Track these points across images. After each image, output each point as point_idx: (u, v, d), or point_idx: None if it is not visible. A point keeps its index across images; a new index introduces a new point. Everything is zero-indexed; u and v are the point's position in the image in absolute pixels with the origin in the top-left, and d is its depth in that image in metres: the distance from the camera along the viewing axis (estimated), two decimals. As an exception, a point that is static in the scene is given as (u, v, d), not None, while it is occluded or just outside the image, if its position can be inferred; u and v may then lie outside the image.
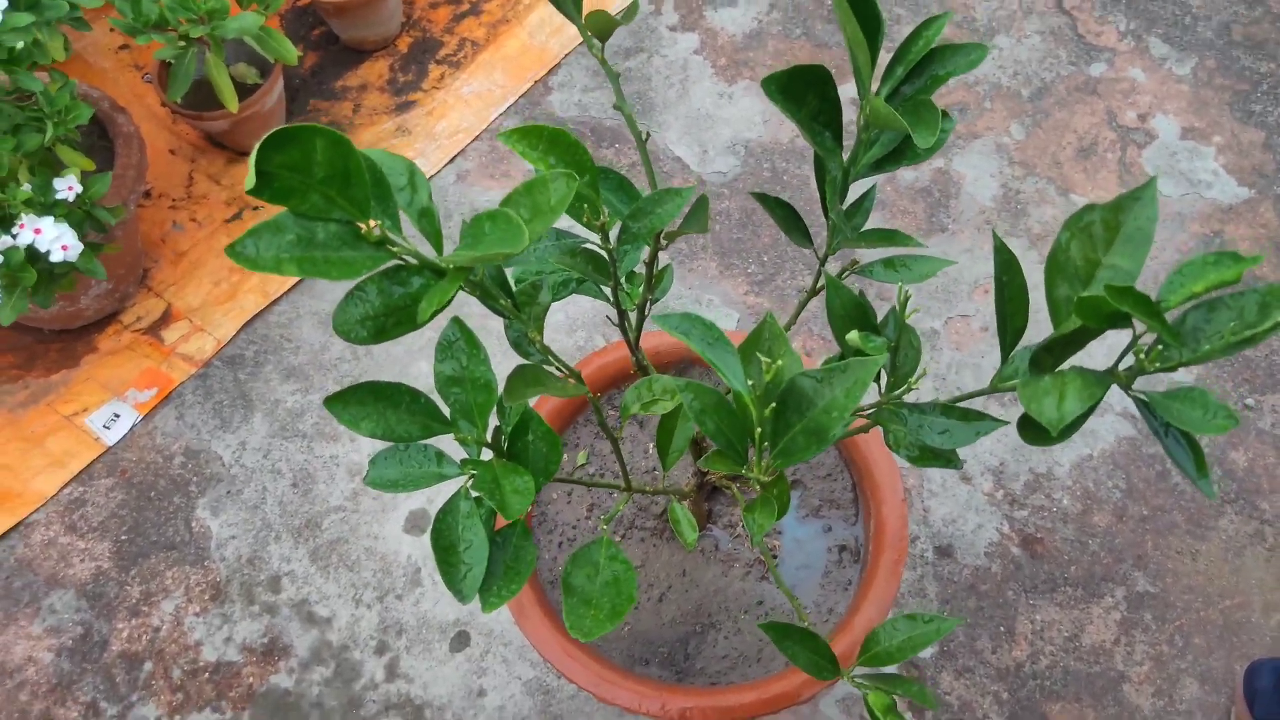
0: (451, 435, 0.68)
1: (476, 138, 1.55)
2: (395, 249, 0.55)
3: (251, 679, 1.22)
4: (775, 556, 1.14)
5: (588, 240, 0.73)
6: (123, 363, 1.40)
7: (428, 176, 1.54)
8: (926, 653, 1.27)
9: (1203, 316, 0.60)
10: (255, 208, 1.52)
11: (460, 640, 1.26)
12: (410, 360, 1.42)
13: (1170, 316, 0.60)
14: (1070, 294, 0.64)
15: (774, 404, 0.63)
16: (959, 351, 1.43)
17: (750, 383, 0.66)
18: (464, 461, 0.71)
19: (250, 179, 0.48)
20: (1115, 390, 1.41)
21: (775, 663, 1.07)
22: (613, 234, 0.72)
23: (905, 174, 1.54)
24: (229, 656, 1.24)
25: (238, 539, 1.31)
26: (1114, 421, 1.40)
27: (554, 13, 1.66)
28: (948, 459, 0.74)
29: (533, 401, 1.33)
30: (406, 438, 0.68)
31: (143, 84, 1.59)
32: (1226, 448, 1.39)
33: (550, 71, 1.61)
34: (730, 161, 1.55)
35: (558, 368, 0.75)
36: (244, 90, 1.47)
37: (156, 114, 1.57)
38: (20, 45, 1.09)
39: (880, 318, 0.76)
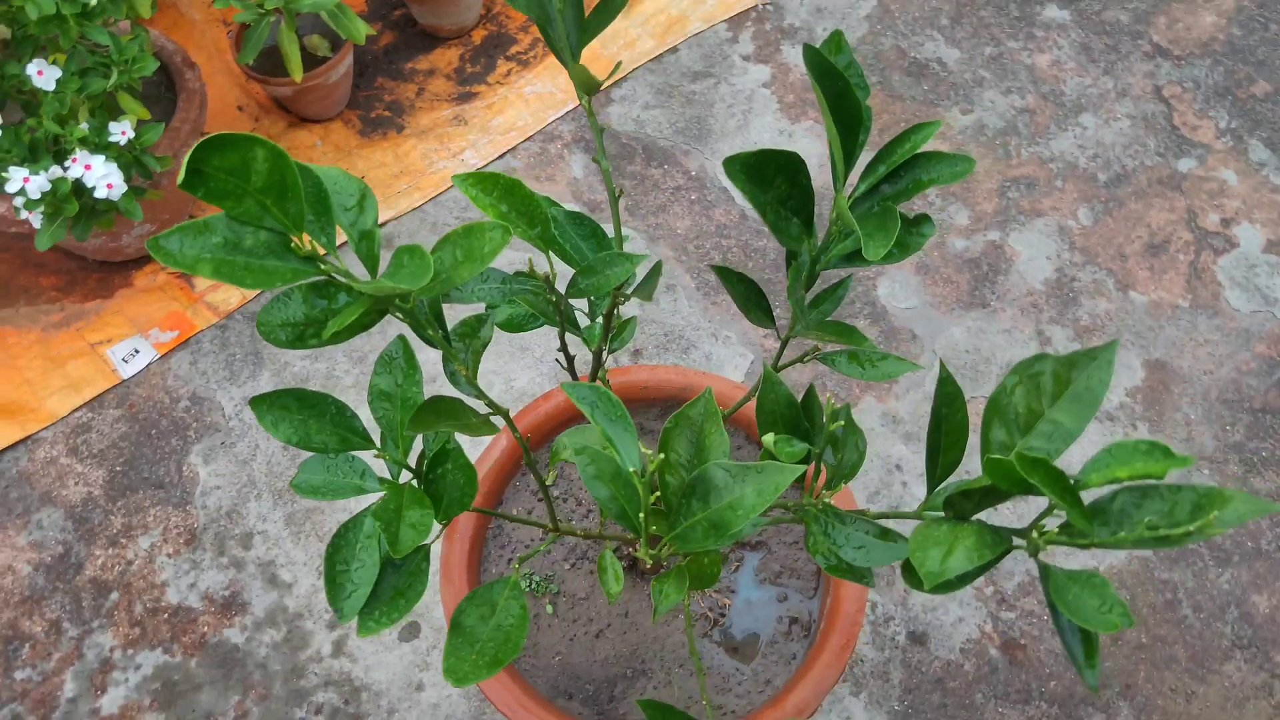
0: (373, 452, 0.70)
1: (529, 138, 1.57)
2: (325, 266, 0.56)
3: (206, 628, 1.27)
4: (724, 615, 1.13)
5: (534, 285, 0.74)
6: (152, 301, 1.47)
7: (475, 169, 1.56)
8: (871, 739, 1.25)
9: (1133, 501, 0.58)
10: (305, 172, 1.56)
11: (410, 630, 1.28)
12: (422, 348, 1.44)
13: (1103, 493, 0.58)
14: (1007, 440, 0.63)
15: (684, 488, 0.63)
16: (975, 435, 1.39)
17: (672, 457, 0.65)
18: (382, 480, 0.72)
19: (181, 175, 0.49)
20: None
21: (689, 723, 1.06)
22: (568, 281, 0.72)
23: (955, 241, 1.50)
24: (190, 602, 1.29)
25: (221, 490, 1.36)
26: (1126, 537, 1.34)
27: (629, 26, 1.66)
28: (860, 575, 0.72)
29: (516, 411, 1.34)
30: (322, 448, 0.69)
31: (225, 40, 1.66)
32: (1250, 589, 1.32)
33: (615, 84, 1.62)
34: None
35: (486, 404, 0.76)
36: (314, 61, 1.52)
37: (232, 70, 1.63)
38: (94, 2, 1.15)
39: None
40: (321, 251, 0.56)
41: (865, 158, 1.57)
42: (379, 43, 1.67)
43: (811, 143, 1.58)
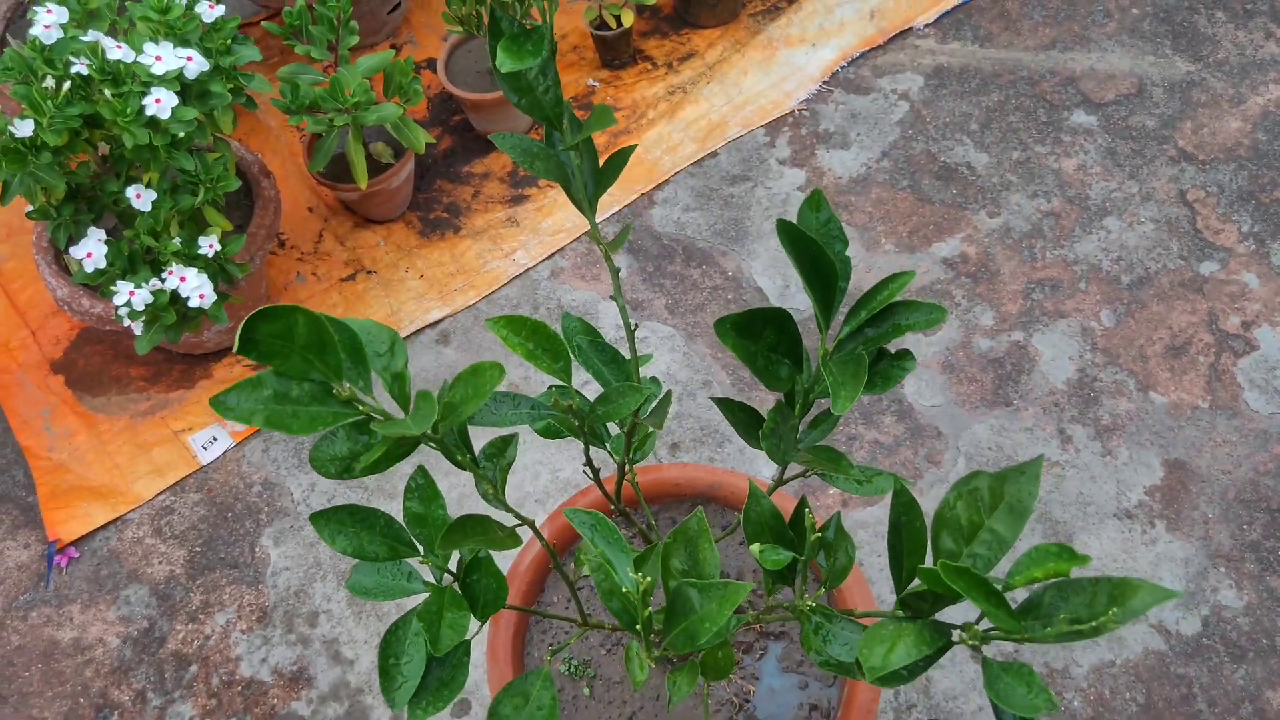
0: (417, 559, 0.88)
1: (576, 239, 1.77)
2: (362, 407, 0.74)
3: (275, 700, 1.46)
4: (748, 701, 1.29)
5: (560, 412, 0.92)
6: (230, 392, 1.68)
7: (526, 268, 1.76)
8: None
9: (1058, 595, 0.73)
10: (370, 271, 1.78)
11: (462, 707, 1.46)
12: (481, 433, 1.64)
13: (1031, 591, 0.73)
14: (954, 548, 0.78)
15: (669, 602, 0.79)
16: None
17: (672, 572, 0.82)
18: (426, 583, 0.91)
19: (236, 343, 0.67)
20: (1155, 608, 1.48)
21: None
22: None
23: (980, 341, 1.66)
24: (261, 676, 1.48)
25: (290, 570, 1.55)
26: (1144, 632, 1.47)
27: (671, 131, 1.86)
28: (848, 670, 0.88)
29: (564, 500, 1.51)
30: (374, 557, 0.88)
31: (298, 144, 1.89)
32: (1264, 685, 1.44)
33: (657, 186, 1.81)
34: (807, 300, 1.71)
35: (514, 516, 0.94)
36: (378, 167, 1.74)
37: (303, 173, 1.86)
38: (183, 134, 1.37)
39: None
40: (358, 395, 0.73)
41: (887, 262, 1.73)
42: (439, 147, 1.89)
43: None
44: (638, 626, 0.80)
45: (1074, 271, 1.71)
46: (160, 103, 1.37)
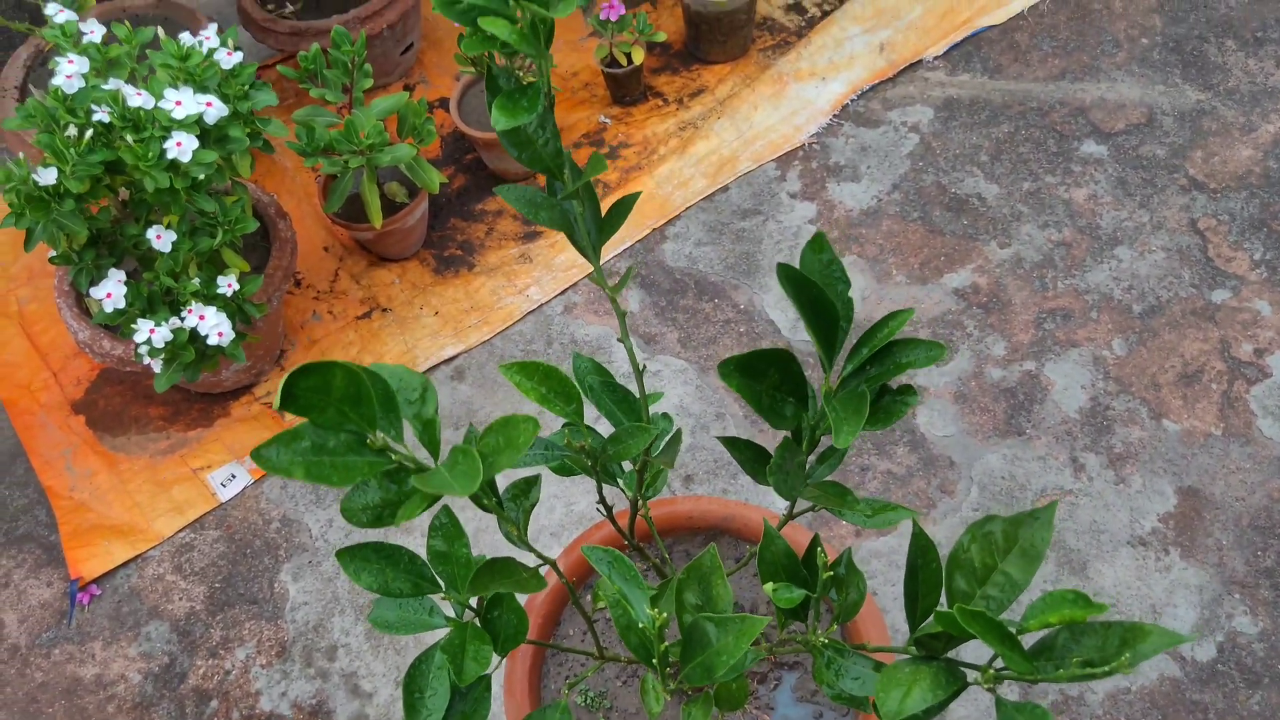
0: (438, 595, 0.92)
1: (588, 274, 1.82)
2: (395, 456, 0.78)
3: (294, 736, 1.50)
4: (762, 731, 1.31)
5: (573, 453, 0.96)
6: (248, 430, 1.73)
7: (540, 304, 1.81)
8: None
9: (1070, 638, 0.76)
10: (385, 309, 1.83)
11: (478, 741, 1.49)
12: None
13: (1045, 634, 0.76)
14: (968, 590, 0.81)
15: (685, 636, 0.83)
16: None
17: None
18: (448, 619, 0.94)
19: (277, 400, 0.72)
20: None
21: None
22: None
23: (992, 371, 1.69)
24: (281, 710, 1.52)
25: (309, 605, 1.59)
26: (1160, 659, 1.49)
27: (682, 166, 1.91)
28: (859, 704, 0.91)
29: (577, 535, 1.55)
30: (399, 593, 0.92)
31: (314, 184, 1.95)
32: (1279, 711, 1.45)
33: (669, 221, 1.86)
34: (823, 332, 1.75)
35: (536, 556, 0.98)
36: (393, 206, 1.79)
37: (318, 213, 1.92)
38: (202, 176, 1.43)
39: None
40: (390, 444, 0.77)
41: (899, 289, 1.76)
42: (452, 185, 1.95)
43: (854, 276, 1.79)
44: (654, 660, 0.83)
45: (1085, 301, 1.74)
46: (181, 146, 1.42)
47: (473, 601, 0.93)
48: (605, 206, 1.90)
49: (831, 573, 0.91)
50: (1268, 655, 1.46)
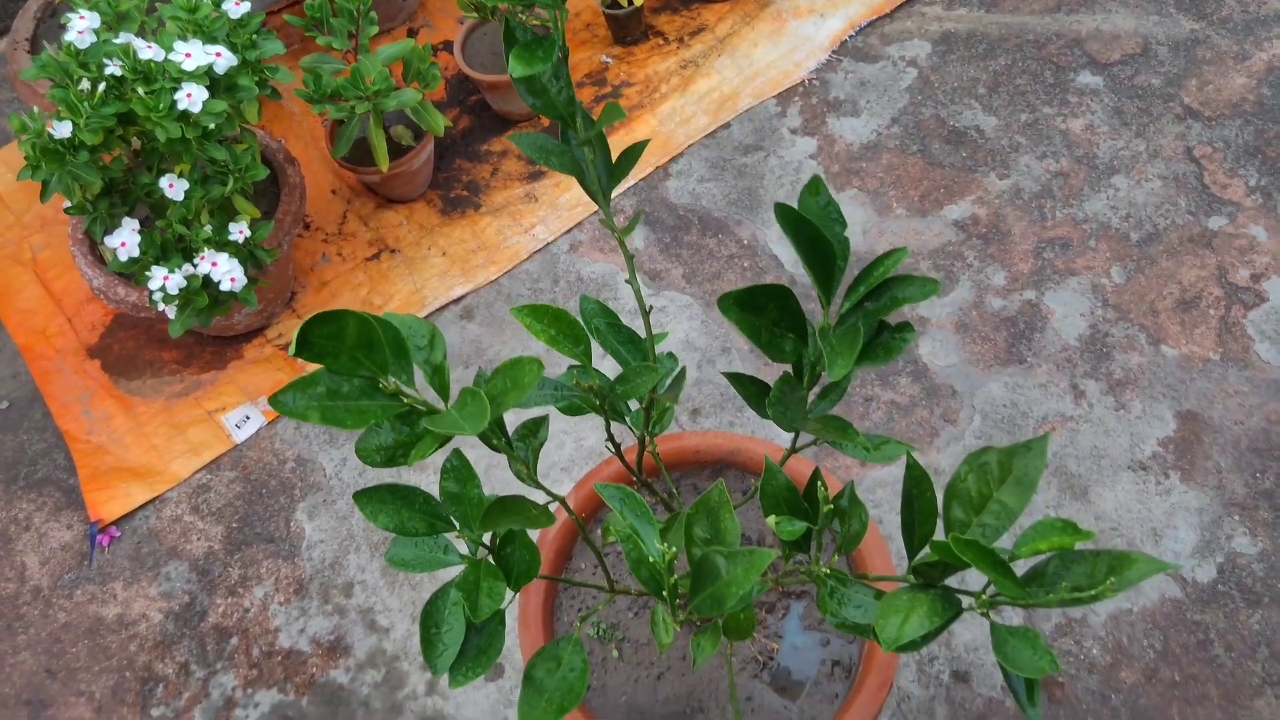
0: (454, 533, 0.89)
1: (593, 213, 1.77)
2: (407, 399, 0.76)
3: (315, 669, 1.49)
4: (772, 658, 1.30)
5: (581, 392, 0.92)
6: (260, 372, 1.70)
7: (546, 243, 1.77)
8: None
9: (1061, 565, 0.74)
10: (393, 251, 1.79)
11: (496, 671, 1.48)
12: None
13: (1036, 561, 0.74)
14: (964, 518, 0.79)
15: (695, 569, 0.80)
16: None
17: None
18: (462, 556, 0.92)
19: (293, 346, 0.69)
20: (1171, 554, 1.48)
21: (739, 755, 1.23)
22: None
23: (992, 300, 1.65)
24: (300, 646, 1.51)
25: (325, 543, 1.57)
26: (1161, 580, 1.48)
27: (684, 104, 1.85)
28: (863, 630, 0.89)
29: (587, 470, 1.53)
30: (414, 532, 0.89)
31: (320, 129, 1.89)
32: (1279, 629, 1.44)
33: (672, 159, 1.81)
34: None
35: (546, 493, 0.95)
36: (399, 149, 1.74)
37: (326, 156, 1.87)
38: (213, 125, 1.38)
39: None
40: (402, 388, 0.75)
41: (902, 227, 1.72)
42: (457, 127, 1.89)
43: (854, 210, 1.75)
44: (664, 593, 0.81)
45: (1084, 230, 1.70)
46: (191, 97, 1.38)
47: (486, 538, 0.91)
48: (613, 151, 1.85)
49: (832, 506, 0.89)
50: (1267, 575, 1.44)
